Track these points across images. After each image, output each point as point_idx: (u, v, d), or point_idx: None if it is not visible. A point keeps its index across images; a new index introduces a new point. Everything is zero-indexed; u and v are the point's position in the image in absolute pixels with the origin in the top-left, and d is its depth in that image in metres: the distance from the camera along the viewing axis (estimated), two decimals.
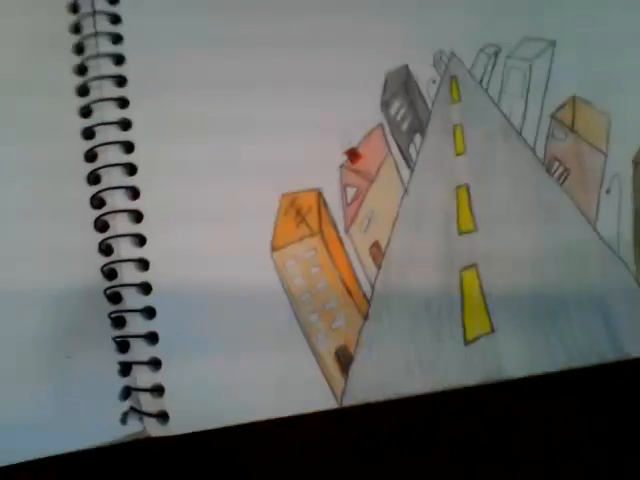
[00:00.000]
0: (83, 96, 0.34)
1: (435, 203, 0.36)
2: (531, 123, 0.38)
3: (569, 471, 0.36)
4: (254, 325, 0.33)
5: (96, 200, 0.33)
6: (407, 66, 0.37)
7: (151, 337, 0.33)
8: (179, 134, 0.34)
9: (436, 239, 0.36)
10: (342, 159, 0.36)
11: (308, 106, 0.36)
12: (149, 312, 0.33)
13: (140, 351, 0.33)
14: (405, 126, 0.37)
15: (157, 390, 0.33)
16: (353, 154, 0.36)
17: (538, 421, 0.36)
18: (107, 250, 0.33)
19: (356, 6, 0.37)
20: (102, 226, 0.33)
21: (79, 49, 0.35)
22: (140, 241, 0.33)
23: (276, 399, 0.33)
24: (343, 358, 0.34)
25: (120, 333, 0.33)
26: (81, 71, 0.34)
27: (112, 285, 0.33)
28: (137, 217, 0.33)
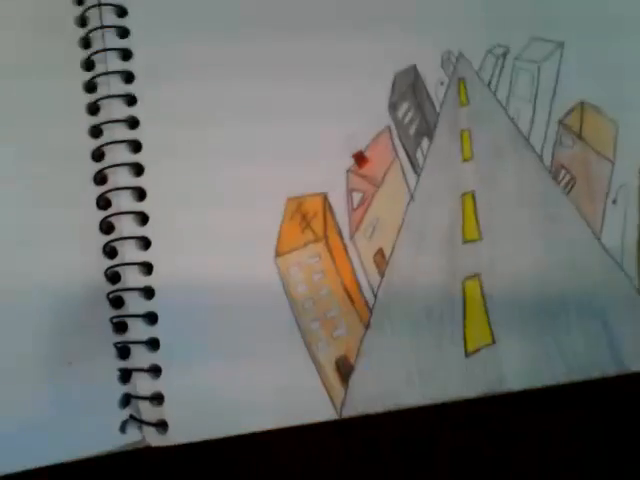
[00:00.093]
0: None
1: (441, 211, 0.36)
2: (539, 129, 0.38)
3: None
4: (255, 333, 0.33)
5: (102, 201, 0.33)
6: (415, 66, 0.37)
7: (152, 343, 0.33)
8: (184, 143, 0.34)
9: (440, 248, 0.36)
10: (349, 163, 0.36)
11: (315, 107, 0.35)
12: (151, 317, 0.33)
13: (140, 358, 0.33)
14: (413, 129, 0.37)
15: (157, 398, 0.32)
16: (361, 158, 0.36)
17: (538, 434, 0.36)
18: (111, 253, 0.33)
19: (365, 5, 0.36)
20: (107, 228, 0.33)
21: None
22: (145, 244, 0.33)
23: (276, 409, 0.33)
24: (343, 368, 0.34)
25: (121, 339, 0.33)
26: (88, 67, 0.34)
27: (115, 289, 0.33)
28: (142, 219, 0.33)
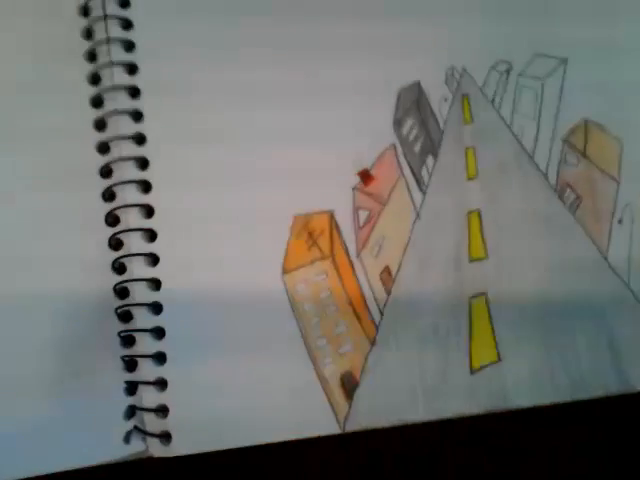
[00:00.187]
0: (97, 107, 0.34)
1: (447, 229, 0.36)
2: (543, 146, 0.38)
3: None
4: (261, 349, 0.33)
5: (111, 217, 0.34)
6: (419, 83, 0.37)
7: (159, 357, 0.33)
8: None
9: (446, 266, 0.36)
10: (355, 181, 0.36)
11: (321, 125, 0.35)
12: (158, 332, 0.33)
13: (147, 371, 0.33)
14: (417, 147, 0.37)
15: (162, 411, 0.33)
16: (366, 176, 0.36)
17: (544, 451, 0.36)
18: (120, 268, 0.33)
19: (369, 21, 0.37)
20: (116, 244, 0.33)
21: (92, 56, 0.34)
22: (153, 261, 0.33)
23: (279, 423, 0.33)
24: (348, 384, 0.34)
25: (128, 352, 0.33)
26: (95, 80, 0.34)
27: (124, 304, 0.33)
28: (151, 235, 0.33)
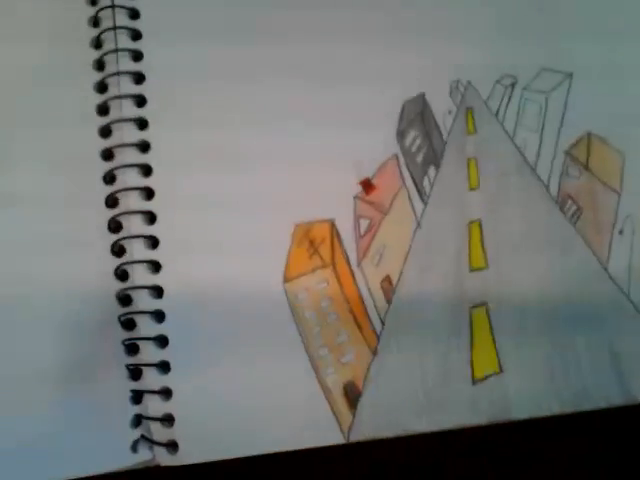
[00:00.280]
0: (103, 115, 0.34)
1: (447, 238, 0.36)
2: (545, 159, 0.38)
3: None
4: (263, 357, 0.33)
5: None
6: (423, 95, 0.37)
7: (163, 366, 0.33)
8: (196, 164, 0.34)
9: (447, 276, 0.36)
10: (356, 189, 0.36)
11: (324, 135, 0.35)
12: (162, 341, 0.33)
13: (152, 380, 0.33)
14: (420, 158, 0.37)
15: (168, 419, 0.33)
16: (367, 185, 0.36)
17: (545, 462, 0.36)
18: (122, 276, 0.33)
19: (374, 35, 0.37)
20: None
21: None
22: (155, 268, 0.33)
23: (283, 433, 0.33)
24: (351, 393, 0.34)
25: (133, 361, 0.33)
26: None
27: (127, 312, 0.33)
28: (153, 243, 0.33)
